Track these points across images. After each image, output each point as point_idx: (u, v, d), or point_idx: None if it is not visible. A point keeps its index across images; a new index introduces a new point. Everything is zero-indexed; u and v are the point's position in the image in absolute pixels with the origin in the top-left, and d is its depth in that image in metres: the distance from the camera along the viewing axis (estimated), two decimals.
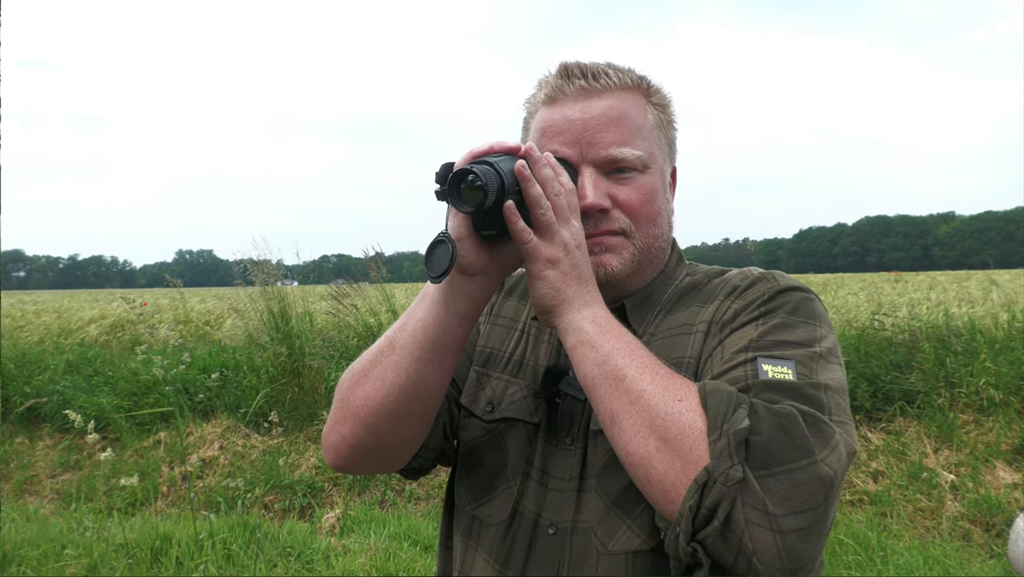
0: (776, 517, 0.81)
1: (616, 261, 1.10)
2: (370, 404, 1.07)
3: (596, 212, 1.08)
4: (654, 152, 1.13)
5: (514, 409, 1.15)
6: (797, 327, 1.01)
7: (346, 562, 4.18)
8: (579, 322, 0.98)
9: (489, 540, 1.11)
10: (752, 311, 1.04)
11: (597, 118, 1.09)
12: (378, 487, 5.50)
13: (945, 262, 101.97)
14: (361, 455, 1.12)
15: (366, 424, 1.08)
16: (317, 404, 6.18)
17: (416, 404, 1.07)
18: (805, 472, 0.83)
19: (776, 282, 1.08)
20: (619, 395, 0.92)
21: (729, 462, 0.83)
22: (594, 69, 1.12)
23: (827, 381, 0.94)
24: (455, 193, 0.94)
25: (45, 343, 9.12)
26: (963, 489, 4.76)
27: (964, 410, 5.34)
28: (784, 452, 0.84)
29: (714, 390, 0.90)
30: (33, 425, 6.85)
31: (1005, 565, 4.02)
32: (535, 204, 0.96)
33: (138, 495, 5.54)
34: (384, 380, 1.06)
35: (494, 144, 0.99)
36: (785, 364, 0.95)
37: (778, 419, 0.86)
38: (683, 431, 0.87)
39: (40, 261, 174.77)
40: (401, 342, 1.05)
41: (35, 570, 4.05)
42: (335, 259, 69.94)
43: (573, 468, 1.07)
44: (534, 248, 0.97)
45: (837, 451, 0.86)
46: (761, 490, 0.82)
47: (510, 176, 0.96)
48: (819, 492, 0.83)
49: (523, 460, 1.12)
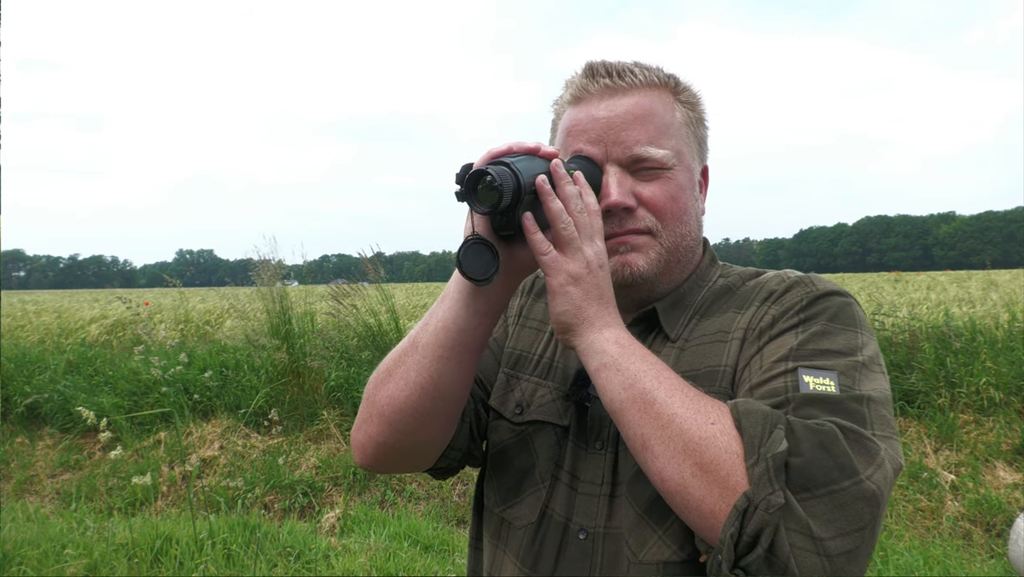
0: (822, 541, 0.79)
1: (642, 260, 1.08)
2: (394, 403, 1.07)
3: (620, 211, 1.07)
4: (682, 150, 1.11)
5: (543, 412, 1.14)
6: (838, 334, 0.98)
7: (346, 562, 4.18)
8: (601, 344, 0.95)
9: (517, 542, 1.11)
10: (791, 317, 1.01)
11: (622, 116, 1.08)
12: (378, 487, 5.50)
13: (945, 262, 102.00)
14: (388, 454, 1.12)
15: (391, 423, 1.08)
16: (317, 404, 6.18)
17: (439, 403, 1.07)
18: (849, 492, 0.81)
19: (814, 286, 1.04)
20: (649, 419, 0.89)
21: (770, 488, 0.80)
22: (620, 67, 1.11)
23: (870, 393, 0.91)
24: (471, 194, 0.94)
25: (45, 343, 9.12)
26: (963, 489, 4.76)
27: (964, 410, 5.34)
28: (826, 472, 0.81)
29: (748, 411, 0.87)
30: (33, 425, 6.85)
31: (1005, 565, 4.02)
32: (556, 219, 0.96)
33: (138, 495, 5.55)
34: (407, 379, 1.06)
35: (513, 144, 0.99)
36: (827, 375, 0.92)
37: (817, 437, 0.83)
38: (719, 456, 0.84)
39: (40, 261, 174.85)
40: (423, 341, 1.05)
41: (35, 570, 4.05)
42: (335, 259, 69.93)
43: (604, 473, 1.05)
44: (553, 261, 0.96)
45: (882, 468, 0.84)
46: (805, 514, 0.80)
47: (527, 176, 0.94)
48: (865, 512, 0.81)
49: (552, 463, 1.11)
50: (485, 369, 1.24)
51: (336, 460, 5.67)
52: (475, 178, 0.93)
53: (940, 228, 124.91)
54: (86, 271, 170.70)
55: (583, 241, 0.97)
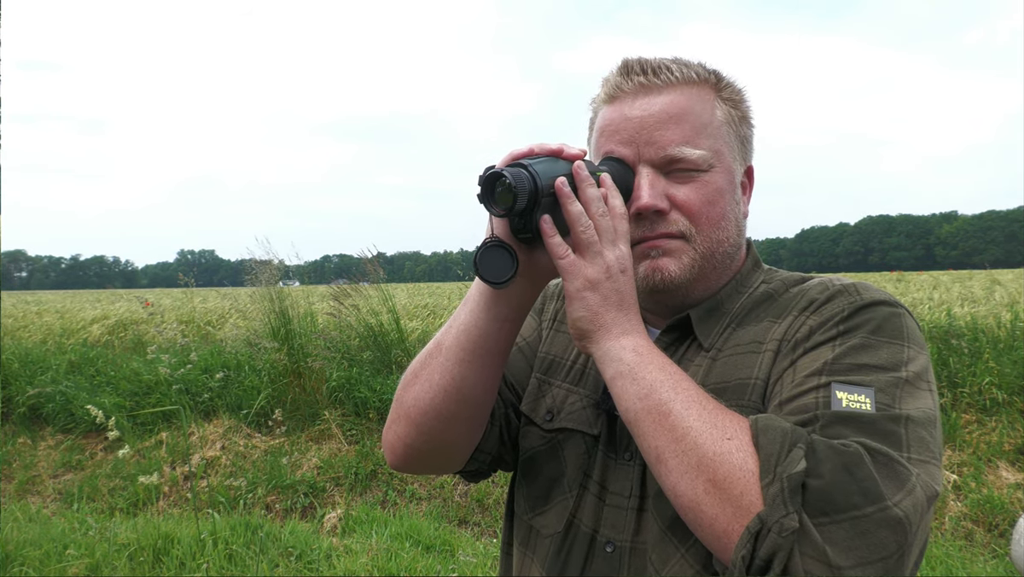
0: (840, 569, 0.74)
1: (674, 265, 1.03)
2: (419, 405, 1.07)
3: (652, 214, 1.02)
4: (720, 150, 1.05)
5: (573, 419, 1.11)
6: (880, 348, 0.91)
7: (348, 562, 4.18)
8: (618, 351, 0.92)
9: (544, 551, 1.09)
10: (829, 329, 0.94)
11: (655, 115, 1.03)
12: (380, 487, 5.50)
13: (948, 261, 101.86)
14: (416, 455, 1.12)
15: (417, 425, 1.08)
16: (319, 404, 6.18)
17: (463, 406, 1.06)
18: (872, 519, 0.75)
19: (859, 295, 0.97)
20: (664, 432, 0.86)
21: (784, 510, 0.76)
22: (655, 64, 1.06)
23: (910, 412, 0.85)
24: (489, 196, 0.92)
25: (47, 343, 9.13)
26: (966, 489, 4.75)
27: (967, 410, 5.33)
28: (848, 497, 0.76)
29: (767, 427, 0.83)
30: (35, 425, 6.86)
31: (1008, 566, 4.01)
32: (575, 221, 0.93)
33: (140, 495, 5.55)
34: (431, 382, 1.06)
35: (535, 146, 0.97)
36: (863, 391, 0.86)
37: (841, 459, 0.78)
38: (733, 473, 0.80)
39: (42, 261, 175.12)
40: (446, 344, 1.05)
41: (37, 570, 4.05)
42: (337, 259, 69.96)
43: (633, 485, 1.02)
44: (571, 265, 0.93)
45: (913, 494, 0.77)
46: (822, 540, 0.75)
47: (545, 178, 0.92)
48: (890, 540, 0.75)
49: (581, 472, 1.08)
50: (518, 373, 1.22)
51: (338, 460, 5.67)
52: (492, 180, 0.91)
53: (942, 228, 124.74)
54: (88, 271, 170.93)
55: (604, 245, 0.94)
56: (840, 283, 1.01)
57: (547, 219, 0.93)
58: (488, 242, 0.94)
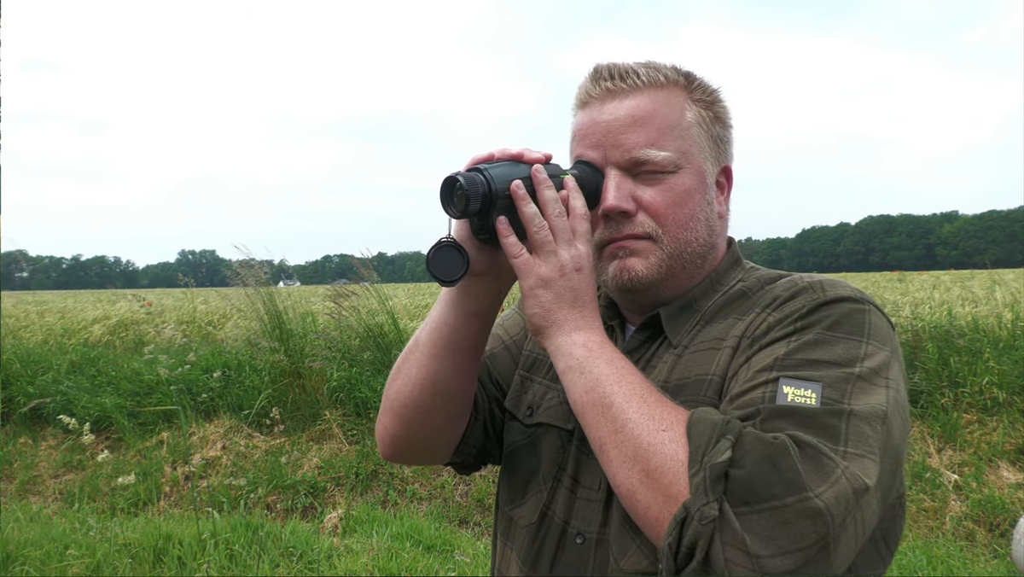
0: (759, 558, 0.76)
1: (641, 265, 1.06)
2: (400, 398, 1.14)
3: (619, 215, 1.05)
4: (689, 151, 1.07)
5: (550, 415, 1.15)
6: (836, 344, 0.91)
7: (348, 562, 4.18)
8: (569, 347, 0.96)
9: (520, 541, 1.13)
10: (787, 325, 0.95)
11: (621, 119, 1.06)
12: (380, 487, 5.50)
13: (948, 261, 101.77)
14: (401, 446, 1.19)
15: (400, 417, 1.15)
16: (319, 404, 6.18)
17: (439, 399, 1.12)
18: (792, 509, 0.76)
19: (823, 293, 0.97)
20: (606, 423, 0.90)
21: (705, 499, 0.78)
22: (623, 69, 1.08)
23: (857, 407, 0.85)
24: (447, 199, 0.97)
25: (48, 343, 9.12)
26: (967, 489, 4.75)
27: (968, 410, 5.32)
28: (769, 487, 0.77)
29: (700, 419, 0.85)
30: (36, 425, 6.86)
31: (1009, 565, 4.01)
32: (529, 222, 0.97)
33: (140, 495, 5.55)
34: (410, 376, 1.13)
35: (497, 151, 1.01)
36: (811, 386, 0.87)
37: (766, 450, 0.80)
38: (664, 463, 0.84)
39: (43, 261, 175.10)
40: (422, 340, 1.12)
41: (38, 570, 4.05)
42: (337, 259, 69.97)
43: (601, 478, 1.04)
44: (524, 263, 0.98)
45: (837, 487, 0.78)
46: (741, 528, 0.77)
47: (500, 182, 0.97)
48: (809, 531, 0.76)
49: (555, 465, 1.12)
50: (503, 370, 1.26)
51: (338, 460, 5.67)
52: (448, 185, 0.96)
53: (943, 227, 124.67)
54: (89, 272, 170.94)
55: (559, 244, 0.98)
56: (807, 281, 1.02)
57: (503, 220, 0.98)
58: (441, 242, 0.99)
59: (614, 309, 1.18)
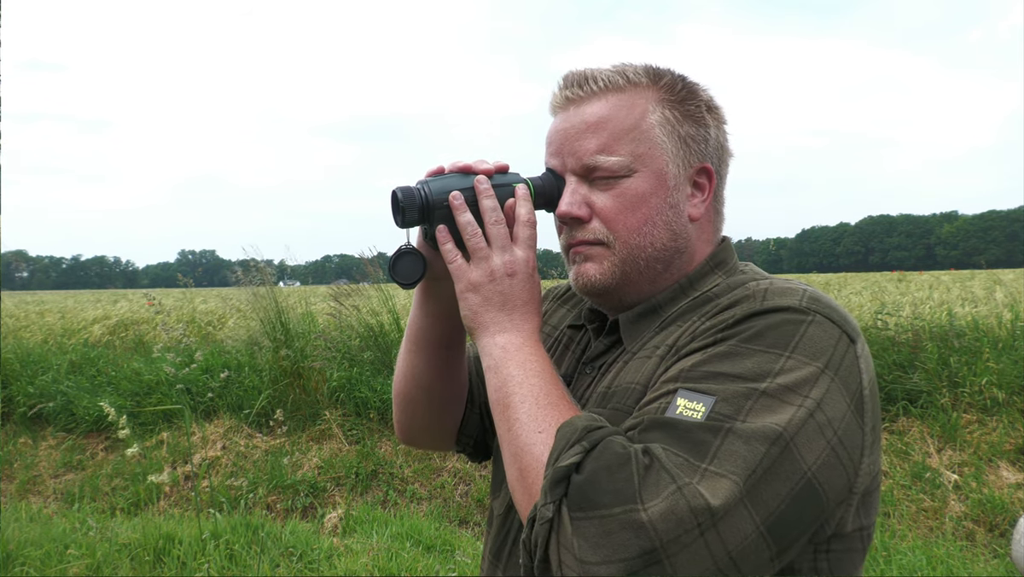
0: (586, 564, 0.77)
1: (595, 270, 1.06)
2: (396, 388, 1.28)
3: (572, 221, 1.07)
4: (648, 154, 1.04)
5: None
6: (749, 357, 0.87)
7: (348, 562, 4.18)
8: (490, 348, 1.01)
9: (494, 531, 1.17)
10: (708, 336, 0.92)
11: (576, 126, 1.06)
12: (380, 487, 5.51)
13: (948, 261, 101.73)
14: (406, 431, 1.31)
15: (398, 405, 1.28)
16: (319, 404, 6.18)
17: (421, 392, 1.23)
18: (617, 519, 0.76)
19: (760, 302, 0.92)
20: (503, 422, 0.95)
21: (543, 500, 0.82)
22: (583, 76, 1.07)
23: (746, 425, 0.81)
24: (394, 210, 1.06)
25: (48, 343, 9.13)
26: (966, 489, 4.75)
27: (967, 410, 5.32)
28: (600, 495, 0.78)
29: (568, 423, 0.87)
30: (36, 425, 6.86)
31: (1008, 565, 4.01)
32: (462, 230, 1.03)
33: (141, 495, 5.56)
34: (399, 369, 1.26)
35: (446, 164, 1.09)
36: (704, 400, 0.84)
37: (609, 459, 0.80)
38: (532, 464, 0.88)
39: (43, 261, 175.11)
40: (405, 337, 1.24)
41: (38, 570, 4.06)
42: (337, 259, 70.03)
43: None
44: (457, 269, 1.04)
45: (668, 502, 0.76)
46: (573, 533, 0.78)
47: (437, 193, 1.04)
48: (631, 543, 0.76)
49: None
50: None
51: (338, 460, 5.68)
52: (392, 197, 1.05)
53: (943, 227, 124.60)
54: (89, 272, 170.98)
55: (493, 250, 1.03)
56: (756, 288, 0.97)
57: (442, 228, 1.05)
58: (402, 249, 1.08)
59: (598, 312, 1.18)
